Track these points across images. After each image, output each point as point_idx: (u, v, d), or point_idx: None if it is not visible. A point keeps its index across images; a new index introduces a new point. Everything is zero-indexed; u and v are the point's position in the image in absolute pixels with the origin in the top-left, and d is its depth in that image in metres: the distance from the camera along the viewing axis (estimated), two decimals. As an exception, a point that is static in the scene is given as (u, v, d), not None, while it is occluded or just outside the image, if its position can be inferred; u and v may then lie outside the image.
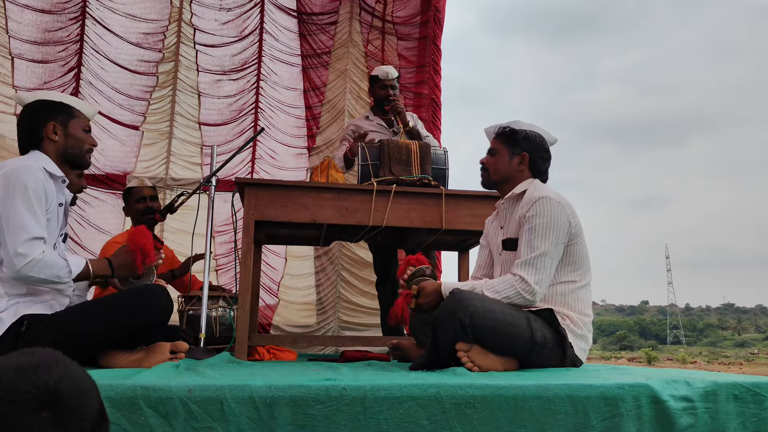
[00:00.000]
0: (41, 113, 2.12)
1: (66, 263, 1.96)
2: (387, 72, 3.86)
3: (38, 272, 1.89)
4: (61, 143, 2.11)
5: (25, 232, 1.88)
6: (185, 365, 1.94)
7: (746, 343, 57.28)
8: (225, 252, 5.55)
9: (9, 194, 1.90)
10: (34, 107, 2.13)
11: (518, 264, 2.15)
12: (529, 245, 2.16)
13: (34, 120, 2.11)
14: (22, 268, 1.87)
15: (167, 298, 2.11)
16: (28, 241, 1.88)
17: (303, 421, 1.41)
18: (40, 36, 5.44)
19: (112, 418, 1.35)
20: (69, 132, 2.13)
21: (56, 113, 2.12)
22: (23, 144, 2.12)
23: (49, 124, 2.10)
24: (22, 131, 2.12)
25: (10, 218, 1.89)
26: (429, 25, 5.86)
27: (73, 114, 2.16)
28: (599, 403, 1.56)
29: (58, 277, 1.94)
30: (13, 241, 1.87)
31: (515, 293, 2.10)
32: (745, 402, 1.67)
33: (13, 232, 1.88)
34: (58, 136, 2.11)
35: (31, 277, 1.90)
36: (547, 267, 2.13)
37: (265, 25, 6.02)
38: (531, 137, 2.37)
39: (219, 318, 3.17)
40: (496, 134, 2.44)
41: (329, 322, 5.69)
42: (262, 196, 2.89)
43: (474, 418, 1.48)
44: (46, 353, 0.77)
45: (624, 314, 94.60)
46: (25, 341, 1.87)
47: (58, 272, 1.94)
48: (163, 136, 5.75)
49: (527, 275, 2.10)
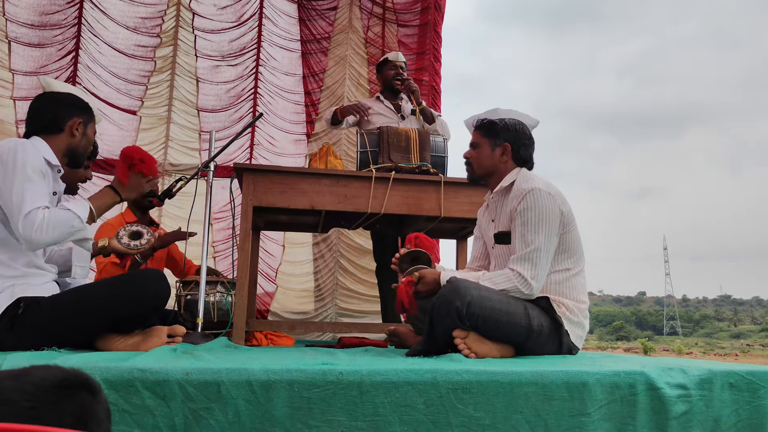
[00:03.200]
0: (70, 107, 2.14)
1: (71, 213, 1.96)
2: (395, 55, 3.99)
3: (50, 232, 1.89)
4: (77, 141, 2.15)
5: (25, 205, 1.88)
6: (182, 349, 1.94)
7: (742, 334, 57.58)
8: (223, 238, 5.55)
9: (8, 173, 1.90)
10: (65, 99, 2.15)
11: (514, 259, 2.14)
12: (522, 240, 2.15)
13: (61, 110, 2.12)
14: (33, 235, 1.87)
15: (165, 283, 2.11)
16: (30, 211, 1.88)
17: (299, 404, 1.41)
18: (37, 19, 5.40)
19: (110, 398, 1.35)
20: (87, 133, 2.19)
21: (83, 111, 2.17)
22: (35, 127, 2.11)
23: (75, 120, 2.13)
24: (42, 113, 2.12)
25: (12, 195, 1.89)
26: (429, 12, 5.83)
27: (93, 117, 2.22)
28: (595, 390, 1.56)
29: (73, 227, 1.95)
30: (17, 216, 1.87)
31: (513, 287, 2.10)
32: (740, 390, 1.68)
33: (17, 209, 1.88)
34: (78, 133, 2.14)
35: (46, 240, 1.90)
36: (543, 261, 2.12)
37: (264, 10, 5.98)
38: (511, 126, 2.34)
39: (216, 303, 3.17)
40: (476, 127, 2.41)
41: (327, 309, 5.70)
42: (260, 182, 2.88)
43: (470, 403, 1.48)
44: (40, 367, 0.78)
45: (621, 305, 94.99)
46: (21, 323, 1.87)
47: (71, 222, 1.94)
48: (162, 121, 5.73)
49: (524, 270, 2.10)
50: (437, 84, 5.70)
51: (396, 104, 3.86)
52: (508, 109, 2.39)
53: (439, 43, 5.77)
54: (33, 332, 1.88)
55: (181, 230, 3.26)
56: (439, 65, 5.76)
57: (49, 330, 1.89)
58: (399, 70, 3.87)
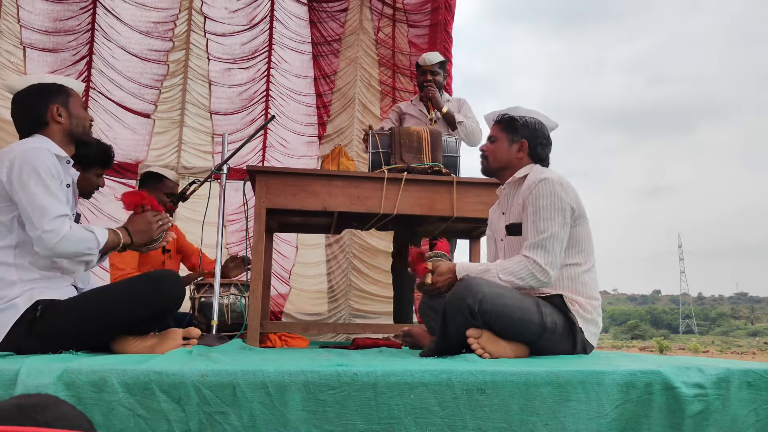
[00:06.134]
0: (41, 97, 2.10)
1: (93, 235, 1.98)
2: (425, 58, 3.93)
3: (70, 246, 1.91)
4: (67, 124, 2.12)
5: (48, 211, 1.89)
6: (198, 351, 1.95)
7: (759, 332, 56.88)
8: (236, 240, 5.57)
9: (23, 179, 1.91)
10: (31, 92, 2.11)
11: (527, 246, 2.14)
12: (535, 227, 2.15)
13: (35, 105, 2.10)
14: (56, 245, 1.89)
15: (180, 285, 2.12)
16: (54, 218, 1.90)
17: (314, 407, 1.41)
18: (51, 25, 5.46)
19: (126, 403, 1.36)
20: (71, 112, 2.14)
21: (55, 95, 2.12)
22: (26, 130, 2.11)
23: (51, 107, 2.09)
24: (23, 117, 2.11)
25: (32, 201, 1.90)
26: (440, 12, 5.82)
27: (69, 93, 2.16)
28: (612, 390, 1.55)
29: (89, 249, 1.97)
30: (39, 222, 1.88)
31: (529, 274, 2.10)
32: (759, 389, 1.66)
33: (39, 215, 1.89)
34: (63, 118, 2.11)
35: (65, 253, 1.92)
36: (557, 248, 2.12)
37: (275, 12, 6.01)
38: (530, 124, 2.37)
39: (230, 305, 3.19)
40: (496, 121, 2.44)
41: (340, 310, 5.71)
42: (273, 184, 2.89)
43: (485, 404, 1.48)
44: (42, 396, 0.81)
45: (636, 303, 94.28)
46: (39, 326, 1.89)
47: (89, 244, 1.96)
48: (175, 124, 5.77)
49: (538, 257, 2.10)
50: (449, 84, 5.68)
51: (428, 107, 3.86)
52: (529, 109, 2.41)
53: (450, 44, 5.75)
54: (50, 335, 1.89)
55: None
56: (451, 65, 5.74)
57: (66, 332, 1.91)
58: (428, 75, 3.85)
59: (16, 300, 1.91)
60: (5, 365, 1.43)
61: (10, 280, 1.93)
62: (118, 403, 1.36)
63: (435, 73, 3.88)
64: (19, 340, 1.87)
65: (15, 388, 1.36)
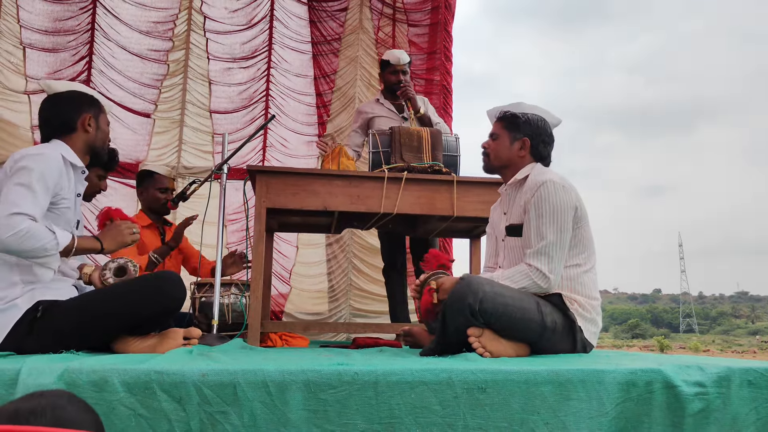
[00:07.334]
0: (77, 104, 2.15)
1: (54, 235, 1.92)
2: (398, 57, 3.82)
3: (23, 243, 1.84)
4: (92, 135, 2.16)
5: (15, 206, 1.86)
6: (198, 351, 1.95)
7: (760, 331, 56.85)
8: (237, 240, 5.57)
9: (15, 174, 1.91)
10: (70, 96, 2.15)
11: (530, 254, 2.14)
12: (537, 232, 2.15)
13: (69, 109, 2.13)
14: (7, 238, 1.82)
15: (181, 285, 2.13)
16: (16, 214, 1.85)
17: (315, 406, 1.41)
18: (51, 25, 5.46)
19: (127, 403, 1.36)
20: (100, 125, 2.20)
21: (90, 105, 2.17)
22: (48, 131, 2.13)
23: (85, 116, 2.14)
24: (54, 118, 2.13)
25: (8, 193, 1.88)
26: (440, 11, 5.82)
27: (101, 108, 2.22)
28: (612, 389, 1.55)
29: (45, 249, 1.89)
30: (1, 212, 1.85)
31: (531, 283, 2.11)
32: (759, 387, 1.66)
33: (6, 207, 1.85)
34: (91, 128, 2.15)
35: (16, 248, 1.85)
36: (558, 253, 2.13)
37: (275, 12, 6.01)
38: (533, 121, 2.34)
39: (231, 305, 3.19)
40: (498, 118, 2.42)
41: (341, 310, 5.71)
42: (273, 184, 2.89)
43: (486, 403, 1.48)
44: (48, 398, 0.79)
45: (636, 302, 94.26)
46: (40, 327, 1.89)
47: (46, 244, 1.89)
48: (175, 124, 5.77)
49: (541, 265, 2.11)
50: (449, 83, 5.68)
51: (398, 105, 3.83)
52: (532, 105, 2.39)
53: (450, 43, 5.75)
54: (51, 335, 1.89)
55: (184, 219, 3.38)
56: (450, 65, 5.74)
57: (67, 332, 1.91)
58: (400, 75, 3.77)
59: (17, 300, 1.91)
60: (6, 365, 1.43)
61: (12, 281, 1.93)
62: (118, 402, 1.36)
63: (406, 72, 3.81)
64: (20, 340, 1.88)
65: (16, 388, 1.36)
